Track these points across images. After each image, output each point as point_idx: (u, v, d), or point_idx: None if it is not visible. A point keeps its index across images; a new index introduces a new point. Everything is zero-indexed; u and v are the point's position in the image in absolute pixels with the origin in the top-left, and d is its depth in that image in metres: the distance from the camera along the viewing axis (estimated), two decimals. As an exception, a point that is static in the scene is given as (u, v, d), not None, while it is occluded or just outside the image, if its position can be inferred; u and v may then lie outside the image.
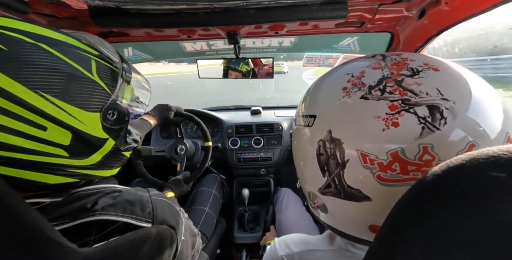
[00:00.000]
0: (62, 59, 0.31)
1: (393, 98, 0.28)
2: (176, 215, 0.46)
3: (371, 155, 0.27)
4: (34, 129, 0.29)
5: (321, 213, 0.37)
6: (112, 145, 0.39)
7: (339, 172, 0.30)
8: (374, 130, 0.27)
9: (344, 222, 0.34)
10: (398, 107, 0.27)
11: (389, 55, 0.34)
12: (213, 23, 0.68)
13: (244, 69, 0.98)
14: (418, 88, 0.28)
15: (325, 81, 0.38)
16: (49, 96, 0.30)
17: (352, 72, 0.33)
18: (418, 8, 0.66)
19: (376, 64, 0.33)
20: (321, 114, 0.33)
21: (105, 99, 0.36)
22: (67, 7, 0.62)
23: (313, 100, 0.37)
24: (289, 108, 1.59)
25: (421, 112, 0.26)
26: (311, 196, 0.37)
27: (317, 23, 0.78)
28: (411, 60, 0.32)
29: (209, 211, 0.99)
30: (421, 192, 0.19)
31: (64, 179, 0.34)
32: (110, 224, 0.35)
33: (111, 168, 0.42)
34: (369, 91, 0.29)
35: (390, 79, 0.29)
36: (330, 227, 0.37)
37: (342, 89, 0.32)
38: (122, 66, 0.40)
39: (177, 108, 0.98)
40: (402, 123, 0.26)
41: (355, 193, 0.29)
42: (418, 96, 0.27)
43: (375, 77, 0.30)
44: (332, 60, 1.28)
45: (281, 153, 1.29)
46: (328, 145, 0.31)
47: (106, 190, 0.40)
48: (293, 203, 1.04)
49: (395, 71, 0.30)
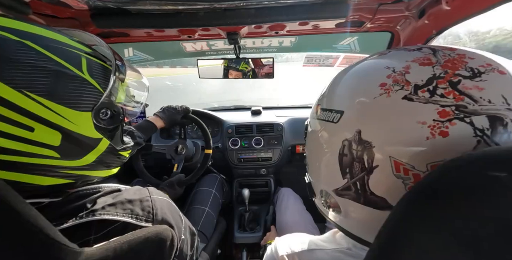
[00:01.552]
0: (49, 57, 0.30)
1: (445, 102, 0.23)
2: (176, 214, 0.46)
3: (406, 164, 0.24)
4: (20, 130, 0.28)
5: (331, 212, 0.35)
6: (107, 145, 0.38)
7: (364, 177, 0.27)
8: (416, 138, 0.24)
9: (357, 226, 0.32)
10: (450, 113, 0.23)
11: (441, 49, 0.29)
12: (213, 23, 0.68)
13: (245, 68, 0.98)
14: (479, 93, 0.23)
15: (358, 72, 0.33)
16: (34, 95, 0.28)
17: (394, 66, 0.28)
18: (418, 8, 0.66)
19: (424, 59, 0.28)
20: (350, 110, 0.29)
21: (97, 98, 0.35)
22: (68, 7, 0.62)
23: (340, 94, 0.33)
24: (289, 108, 1.59)
25: (479, 123, 0.22)
26: (324, 194, 0.35)
27: (317, 23, 0.78)
28: (470, 58, 0.27)
29: (209, 211, 0.99)
30: (423, 192, 0.19)
31: (58, 180, 0.34)
32: (110, 223, 0.35)
33: (108, 168, 0.41)
34: (415, 91, 0.25)
35: (443, 80, 0.25)
36: (339, 227, 0.35)
37: (379, 85, 0.27)
38: (116, 64, 0.38)
39: (185, 111, 0.98)
40: (453, 133, 0.23)
41: (378, 201, 0.27)
42: (477, 103, 0.23)
43: (423, 75, 0.26)
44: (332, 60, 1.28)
45: (281, 153, 1.29)
46: (355, 146, 0.27)
47: (106, 189, 0.39)
48: (293, 203, 1.04)
49: (450, 70, 0.25)
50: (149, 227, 0.38)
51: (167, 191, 0.83)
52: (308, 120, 0.39)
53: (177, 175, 0.92)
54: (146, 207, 0.40)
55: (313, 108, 0.38)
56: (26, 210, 0.25)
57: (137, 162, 0.99)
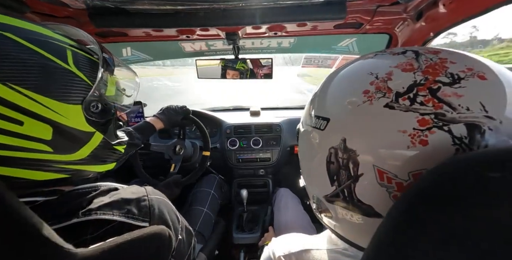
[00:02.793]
0: (32, 49, 0.29)
1: (424, 110, 0.23)
2: (173, 214, 0.46)
3: (389, 173, 0.24)
4: (9, 124, 0.28)
5: (324, 216, 0.35)
6: (100, 139, 0.38)
7: (350, 184, 0.27)
8: (397, 146, 0.24)
9: (348, 230, 0.33)
10: (429, 122, 0.23)
11: (424, 53, 0.28)
12: (212, 23, 0.68)
13: (242, 67, 0.98)
14: (458, 100, 0.23)
15: (343, 78, 0.33)
16: (20, 88, 0.28)
17: (377, 72, 0.28)
18: (416, 10, 0.67)
19: (407, 64, 0.27)
20: (335, 118, 0.29)
21: (86, 91, 0.34)
22: (66, 6, 0.62)
23: (327, 100, 0.32)
24: (288, 109, 1.59)
25: (457, 131, 0.22)
26: (316, 199, 0.35)
27: (316, 24, 0.79)
28: (452, 62, 0.26)
29: (208, 211, 0.99)
30: (419, 193, 0.20)
31: (52, 175, 0.33)
32: (106, 223, 0.35)
33: (104, 163, 0.41)
34: (396, 99, 0.25)
35: (423, 87, 0.24)
36: (332, 230, 0.36)
37: (363, 92, 0.27)
38: (103, 56, 0.37)
39: (185, 112, 0.97)
40: (432, 142, 0.22)
41: (366, 209, 0.27)
42: (456, 111, 0.22)
43: (404, 81, 0.26)
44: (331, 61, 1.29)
45: (279, 153, 1.29)
46: (341, 154, 0.27)
47: (103, 188, 0.39)
48: (292, 203, 1.04)
49: (431, 76, 0.25)
50: (146, 227, 0.37)
51: (164, 192, 0.83)
52: (300, 124, 0.39)
53: (174, 176, 0.92)
54: (143, 207, 0.39)
55: (303, 114, 0.38)
56: (21, 210, 0.25)
57: (136, 161, 0.99)
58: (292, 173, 1.46)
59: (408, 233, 0.19)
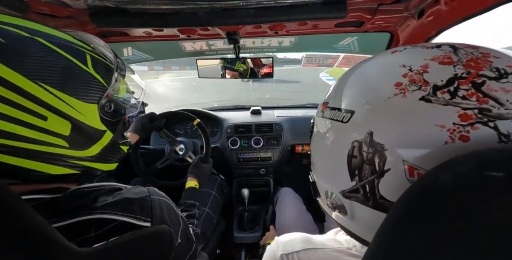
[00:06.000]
0: (58, 52, 0.33)
1: (467, 105, 0.22)
2: (175, 216, 0.46)
3: (421, 169, 0.23)
4: (35, 119, 0.30)
5: (336, 213, 0.34)
6: (110, 138, 0.40)
7: (374, 180, 0.26)
8: (433, 142, 0.22)
9: (364, 228, 0.31)
10: (472, 117, 0.21)
11: (462, 47, 0.27)
12: (212, 23, 0.68)
13: (241, 68, 0.98)
14: (506, 96, 0.21)
15: (370, 70, 0.31)
16: (48, 86, 0.31)
17: (411, 64, 0.27)
18: (417, 8, 0.66)
19: (444, 57, 0.26)
20: (361, 110, 0.28)
21: (102, 92, 0.37)
22: (67, 6, 0.62)
23: (352, 91, 0.31)
24: (288, 108, 1.59)
25: (504, 128, 0.21)
26: (329, 195, 0.33)
27: (317, 23, 0.79)
28: (495, 57, 0.24)
29: (209, 212, 0.99)
30: (420, 193, 0.19)
31: (65, 170, 0.35)
32: (109, 222, 0.35)
33: (109, 162, 0.43)
34: (433, 92, 0.23)
35: (466, 80, 0.23)
36: (344, 228, 0.35)
37: (394, 85, 0.26)
38: (117, 61, 0.41)
39: (149, 115, 0.96)
40: (475, 138, 0.21)
41: (388, 206, 0.26)
42: (503, 107, 0.21)
43: (443, 74, 0.24)
44: (331, 60, 1.29)
45: (280, 153, 1.29)
46: (366, 148, 0.26)
47: (106, 188, 0.40)
48: (293, 202, 1.04)
49: (473, 70, 0.23)
50: (148, 227, 0.38)
51: (197, 175, 0.85)
52: (314, 119, 0.38)
53: (196, 157, 0.93)
54: (146, 207, 0.40)
55: (319, 106, 0.37)
56: (24, 209, 0.25)
57: (134, 154, 1.01)
58: (293, 172, 1.45)
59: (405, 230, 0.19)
